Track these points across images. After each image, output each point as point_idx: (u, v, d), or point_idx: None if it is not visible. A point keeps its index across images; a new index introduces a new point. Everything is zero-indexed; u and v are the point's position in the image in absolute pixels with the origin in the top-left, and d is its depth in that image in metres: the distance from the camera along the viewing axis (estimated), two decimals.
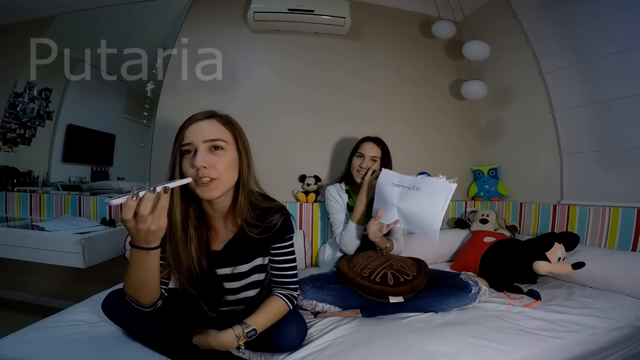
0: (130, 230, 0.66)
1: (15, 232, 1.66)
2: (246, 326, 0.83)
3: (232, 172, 0.85)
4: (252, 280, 0.95)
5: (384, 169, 1.30)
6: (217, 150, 0.82)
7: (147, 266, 0.72)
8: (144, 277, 0.74)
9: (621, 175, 1.55)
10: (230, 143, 0.84)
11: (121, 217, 0.64)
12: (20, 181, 2.07)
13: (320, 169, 2.02)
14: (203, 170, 0.78)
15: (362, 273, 1.16)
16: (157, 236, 0.69)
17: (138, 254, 0.70)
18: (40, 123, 2.13)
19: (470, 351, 0.90)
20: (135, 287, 0.77)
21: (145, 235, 0.67)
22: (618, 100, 1.53)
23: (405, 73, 2.17)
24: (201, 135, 0.80)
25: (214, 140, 0.81)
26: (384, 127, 1.60)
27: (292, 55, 2.05)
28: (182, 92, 1.97)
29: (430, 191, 1.12)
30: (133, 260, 0.72)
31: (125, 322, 0.87)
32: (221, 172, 0.80)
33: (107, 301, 0.87)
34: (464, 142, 2.25)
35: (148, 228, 0.65)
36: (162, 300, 0.85)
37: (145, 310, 0.82)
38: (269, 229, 0.89)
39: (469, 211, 2.10)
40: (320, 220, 1.89)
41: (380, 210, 1.24)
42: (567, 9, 1.69)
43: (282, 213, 0.93)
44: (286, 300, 0.93)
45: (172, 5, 2.07)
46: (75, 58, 2.17)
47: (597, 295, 1.28)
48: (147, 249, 0.70)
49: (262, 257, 0.95)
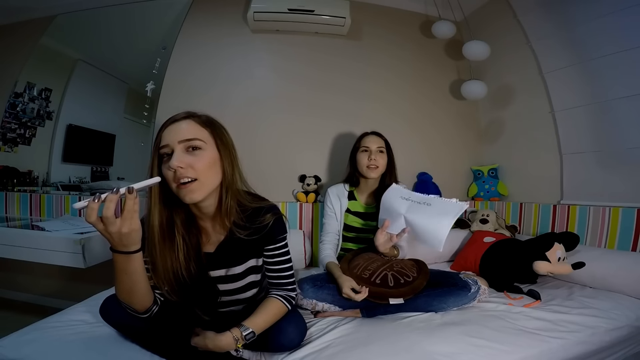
0: (102, 233, 0.66)
1: (15, 232, 1.65)
2: (244, 328, 0.83)
3: (213, 172, 0.81)
4: (249, 281, 0.95)
5: (394, 184, 1.30)
6: (194, 151, 0.79)
7: (131, 269, 0.72)
8: (131, 282, 0.74)
9: (621, 175, 1.55)
10: (208, 142, 0.81)
11: (85, 219, 0.64)
12: (20, 181, 2.07)
13: (320, 169, 2.02)
14: (180, 170, 0.75)
15: (363, 275, 1.16)
16: (132, 239, 0.68)
17: (119, 258, 0.70)
18: (40, 123, 2.13)
19: (470, 351, 0.90)
20: (126, 292, 0.76)
21: (119, 238, 0.66)
22: (618, 100, 1.53)
23: (405, 73, 2.17)
24: (177, 136, 0.78)
25: (190, 140, 0.78)
26: (384, 127, 1.59)
27: (292, 55, 2.05)
28: (182, 92, 1.97)
29: (441, 207, 1.13)
30: (117, 265, 0.72)
31: (123, 324, 0.86)
32: (200, 172, 0.77)
33: (104, 306, 0.87)
34: (464, 142, 2.25)
35: (119, 230, 0.65)
36: (157, 307, 0.84)
37: (141, 317, 0.82)
38: (260, 230, 0.87)
39: (469, 211, 2.09)
40: (320, 220, 1.89)
41: (387, 221, 1.23)
42: (567, 9, 1.69)
43: (274, 213, 0.89)
44: (284, 301, 0.92)
45: (172, 5, 2.07)
46: (75, 58, 2.17)
47: (597, 295, 1.28)
48: (127, 253, 0.69)
49: (256, 258, 0.93)
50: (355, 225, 1.49)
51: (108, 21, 2.16)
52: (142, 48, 2.17)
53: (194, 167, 0.77)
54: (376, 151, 1.45)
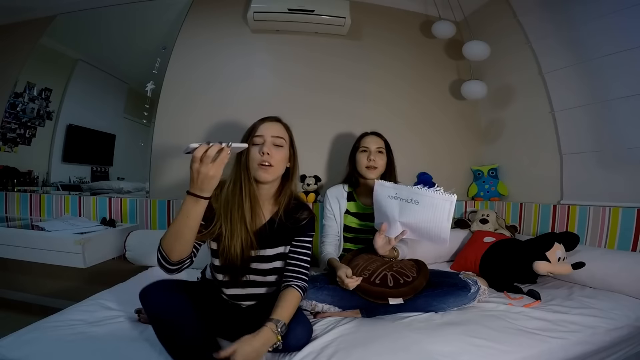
0: (193, 172, 0.77)
1: (15, 232, 1.66)
2: (276, 321, 0.85)
3: (283, 164, 1.03)
4: (275, 266, 1.04)
5: (377, 180, 1.29)
6: (277, 147, 1.01)
7: (193, 214, 0.81)
8: (186, 227, 0.82)
9: (621, 175, 1.55)
10: (287, 143, 1.05)
11: (193, 157, 0.76)
12: (20, 181, 2.07)
13: (320, 169, 2.02)
14: (267, 156, 0.97)
15: (362, 275, 1.16)
16: (212, 185, 0.79)
17: (190, 200, 0.80)
18: (40, 123, 2.13)
19: (470, 351, 0.90)
20: (174, 236, 0.83)
21: (203, 179, 0.77)
22: (618, 100, 1.53)
23: (405, 73, 2.17)
24: (271, 132, 1.02)
25: (278, 137, 1.02)
26: (384, 127, 1.59)
27: (292, 55, 2.05)
28: (182, 92, 1.97)
29: (430, 204, 1.12)
30: (183, 207, 0.81)
31: (159, 313, 0.82)
32: (277, 162, 1.00)
33: (147, 290, 0.85)
34: (464, 142, 2.25)
35: (207, 172, 0.76)
36: (189, 262, 0.91)
37: (170, 268, 0.87)
38: (297, 222, 1.05)
39: (469, 211, 2.10)
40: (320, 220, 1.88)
41: (384, 224, 1.23)
42: (567, 9, 1.69)
43: (310, 212, 1.09)
44: (300, 291, 0.98)
45: (172, 5, 2.07)
46: (75, 58, 2.17)
47: (597, 295, 1.28)
48: (199, 197, 0.79)
49: (285, 245, 1.05)
50: (355, 226, 1.49)
51: (108, 21, 2.16)
52: (142, 48, 2.18)
53: (274, 157, 0.99)
54: (375, 151, 1.44)
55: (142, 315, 1.04)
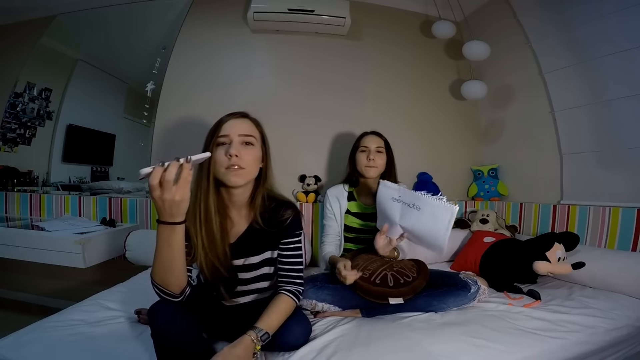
0: (156, 201, 0.69)
1: (15, 232, 1.66)
2: (258, 330, 0.82)
3: (256, 165, 0.94)
4: (263, 272, 1.00)
5: (381, 180, 1.28)
6: (247, 145, 0.92)
7: (174, 242, 0.74)
8: (172, 257, 0.76)
9: (621, 175, 1.55)
10: (258, 141, 0.95)
11: (149, 184, 0.67)
12: (20, 181, 2.07)
13: (320, 169, 2.02)
14: (235, 158, 0.87)
15: (363, 275, 1.16)
16: (181, 209, 0.71)
17: (164, 229, 0.73)
18: (40, 123, 2.13)
19: (470, 351, 0.90)
20: (165, 269, 0.77)
21: (170, 206, 0.69)
22: (618, 100, 1.53)
23: (405, 73, 2.17)
24: (237, 130, 0.91)
25: (247, 136, 0.92)
26: (383, 127, 1.59)
27: (292, 55, 2.05)
28: (182, 92, 1.97)
29: (431, 212, 1.11)
30: (160, 237, 0.74)
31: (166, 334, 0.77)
32: (248, 163, 0.90)
33: (156, 309, 0.80)
34: (464, 142, 2.25)
35: (172, 197, 0.68)
36: (189, 288, 0.86)
37: (175, 301, 0.81)
38: (280, 223, 0.97)
39: (469, 211, 2.10)
40: (320, 220, 1.89)
41: (385, 225, 1.23)
42: (567, 9, 1.69)
43: (293, 209, 1.00)
44: (293, 297, 0.95)
45: (172, 6, 2.07)
46: (75, 58, 2.17)
47: (597, 295, 1.28)
48: (173, 224, 0.72)
49: (271, 250, 1.00)
50: (355, 226, 1.49)
51: (108, 21, 2.16)
52: (142, 48, 2.18)
53: (244, 159, 0.89)
54: (375, 151, 1.44)
55: (142, 316, 1.04)
